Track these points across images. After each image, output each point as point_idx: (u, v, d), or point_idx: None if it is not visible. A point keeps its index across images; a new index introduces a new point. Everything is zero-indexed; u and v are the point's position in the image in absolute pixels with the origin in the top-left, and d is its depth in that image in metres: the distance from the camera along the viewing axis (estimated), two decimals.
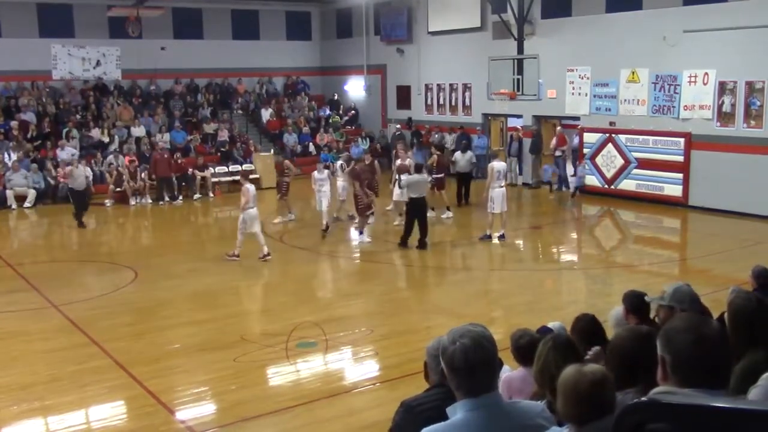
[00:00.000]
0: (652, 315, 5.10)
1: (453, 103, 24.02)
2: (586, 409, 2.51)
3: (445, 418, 2.77)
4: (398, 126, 25.20)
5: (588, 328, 4.53)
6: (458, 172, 18.78)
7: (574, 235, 16.81)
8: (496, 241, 14.44)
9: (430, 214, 14.96)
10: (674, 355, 2.25)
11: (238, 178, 21.80)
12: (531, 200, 20.42)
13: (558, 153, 20.51)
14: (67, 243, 17.00)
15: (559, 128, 20.78)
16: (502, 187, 14.32)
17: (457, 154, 18.94)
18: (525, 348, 4.60)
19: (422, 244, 13.97)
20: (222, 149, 23.62)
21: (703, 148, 17.11)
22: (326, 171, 15.85)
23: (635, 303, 4.98)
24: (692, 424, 1.90)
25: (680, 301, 4.51)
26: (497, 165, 14.50)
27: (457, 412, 2.69)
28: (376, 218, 17.30)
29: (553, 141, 20.55)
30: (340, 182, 16.70)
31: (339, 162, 17.45)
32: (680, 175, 17.60)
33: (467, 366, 2.65)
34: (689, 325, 2.33)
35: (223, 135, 24.20)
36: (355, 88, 27.82)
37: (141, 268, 12.89)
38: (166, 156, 20.96)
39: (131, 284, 12.11)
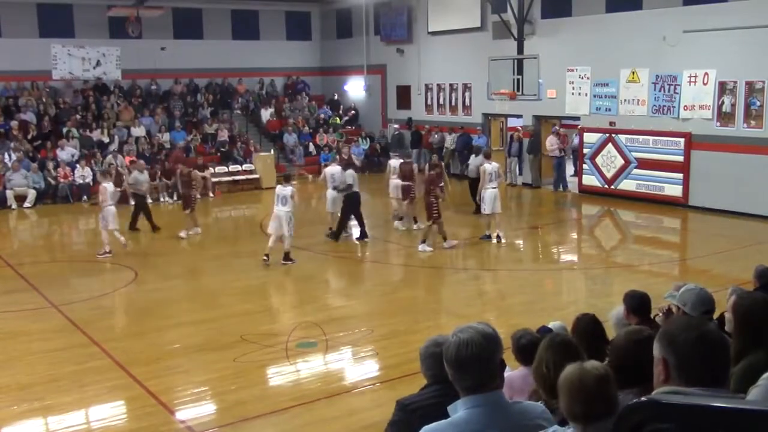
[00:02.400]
0: (652, 315, 5.10)
1: (453, 103, 24.02)
2: (593, 406, 2.50)
3: (439, 416, 2.77)
4: (396, 126, 25.25)
5: (588, 328, 4.52)
6: (469, 177, 17.68)
7: (574, 235, 16.81)
8: (494, 241, 14.44)
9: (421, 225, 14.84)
10: (678, 355, 2.24)
11: (239, 179, 22.08)
12: (531, 200, 20.42)
13: (561, 153, 20.53)
14: (67, 243, 17.01)
15: (559, 128, 20.84)
16: (494, 188, 14.28)
17: (472, 158, 17.80)
18: (526, 348, 4.60)
19: (363, 235, 14.77)
20: (222, 149, 23.62)
21: (703, 148, 17.11)
22: (290, 187, 12.83)
23: (636, 303, 4.98)
24: (692, 424, 1.90)
25: (684, 302, 4.51)
26: (488, 167, 14.48)
27: (458, 409, 2.69)
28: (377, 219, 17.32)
29: (556, 140, 20.55)
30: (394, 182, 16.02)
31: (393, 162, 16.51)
32: (680, 175, 17.60)
33: (458, 361, 2.66)
34: (689, 324, 2.33)
35: (223, 135, 24.20)
36: (355, 88, 27.82)
37: (141, 268, 12.90)
38: (185, 155, 21.38)
39: (131, 284, 12.11)
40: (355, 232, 15.23)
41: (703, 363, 2.20)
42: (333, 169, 15.26)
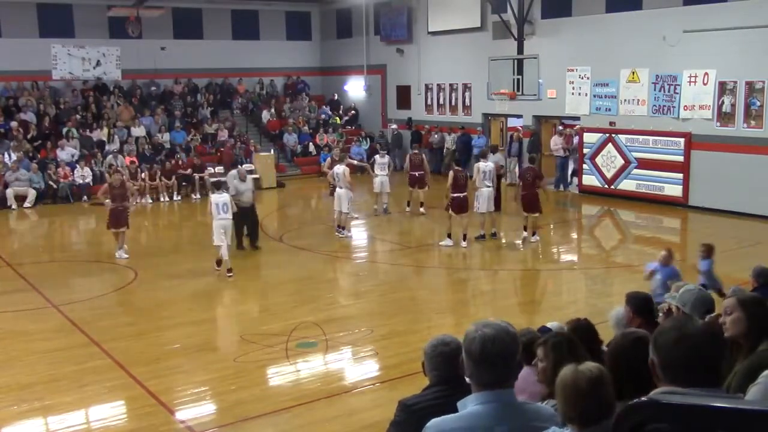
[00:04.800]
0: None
1: (453, 103, 24.03)
2: (587, 408, 2.50)
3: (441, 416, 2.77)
4: (394, 127, 25.33)
5: (583, 336, 4.47)
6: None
7: (574, 235, 16.81)
8: (497, 240, 14.47)
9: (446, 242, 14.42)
10: (661, 355, 2.27)
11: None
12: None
13: (567, 153, 20.52)
14: (67, 243, 17.00)
15: (563, 128, 20.86)
16: (489, 187, 14.29)
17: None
18: (525, 345, 4.58)
19: (239, 244, 14.05)
20: (222, 149, 23.62)
21: (703, 148, 17.11)
22: (225, 194, 12.46)
23: (641, 304, 4.94)
24: (692, 424, 1.90)
25: (683, 303, 4.51)
26: (483, 165, 14.46)
27: (468, 405, 2.69)
28: (382, 217, 17.33)
29: (560, 140, 20.53)
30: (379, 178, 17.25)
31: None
32: (680, 175, 17.60)
33: (482, 356, 2.66)
34: (673, 324, 2.34)
35: (223, 135, 24.20)
36: (355, 88, 27.82)
37: (141, 268, 12.89)
38: (234, 152, 21.95)
39: (131, 284, 12.11)
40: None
41: (683, 363, 2.21)
42: (339, 169, 15.35)
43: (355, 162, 20.71)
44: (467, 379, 2.81)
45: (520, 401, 2.82)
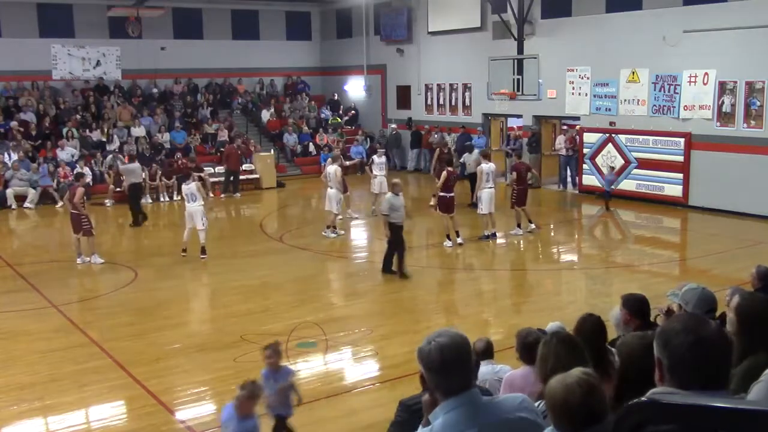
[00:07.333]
0: (652, 315, 5.07)
1: (453, 103, 24.03)
2: (578, 420, 2.45)
3: None
4: (393, 126, 25.34)
5: (595, 329, 4.47)
6: (469, 174, 18.24)
7: (574, 235, 16.81)
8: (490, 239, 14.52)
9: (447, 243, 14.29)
10: (672, 358, 2.23)
11: (244, 177, 22.07)
12: (530, 200, 20.36)
13: (570, 153, 20.51)
14: (67, 243, 16.97)
15: (566, 128, 20.88)
16: (491, 188, 14.46)
17: (465, 156, 18.96)
18: (532, 345, 4.58)
19: (387, 267, 12.39)
20: (222, 149, 23.61)
21: (703, 148, 17.11)
22: (192, 183, 13.17)
23: (638, 306, 4.93)
24: (692, 424, 1.89)
25: (686, 301, 4.49)
26: (485, 167, 14.58)
27: (438, 415, 2.70)
28: (381, 217, 17.33)
29: (563, 140, 20.52)
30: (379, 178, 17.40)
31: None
32: (680, 175, 17.60)
33: (443, 364, 2.66)
34: (686, 326, 2.29)
35: (223, 135, 24.20)
36: (355, 88, 27.82)
37: (141, 268, 12.89)
38: (239, 151, 21.90)
39: (131, 284, 12.11)
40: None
41: (698, 367, 2.18)
42: (330, 169, 15.39)
43: (348, 163, 20.39)
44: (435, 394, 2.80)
45: (485, 398, 2.83)
